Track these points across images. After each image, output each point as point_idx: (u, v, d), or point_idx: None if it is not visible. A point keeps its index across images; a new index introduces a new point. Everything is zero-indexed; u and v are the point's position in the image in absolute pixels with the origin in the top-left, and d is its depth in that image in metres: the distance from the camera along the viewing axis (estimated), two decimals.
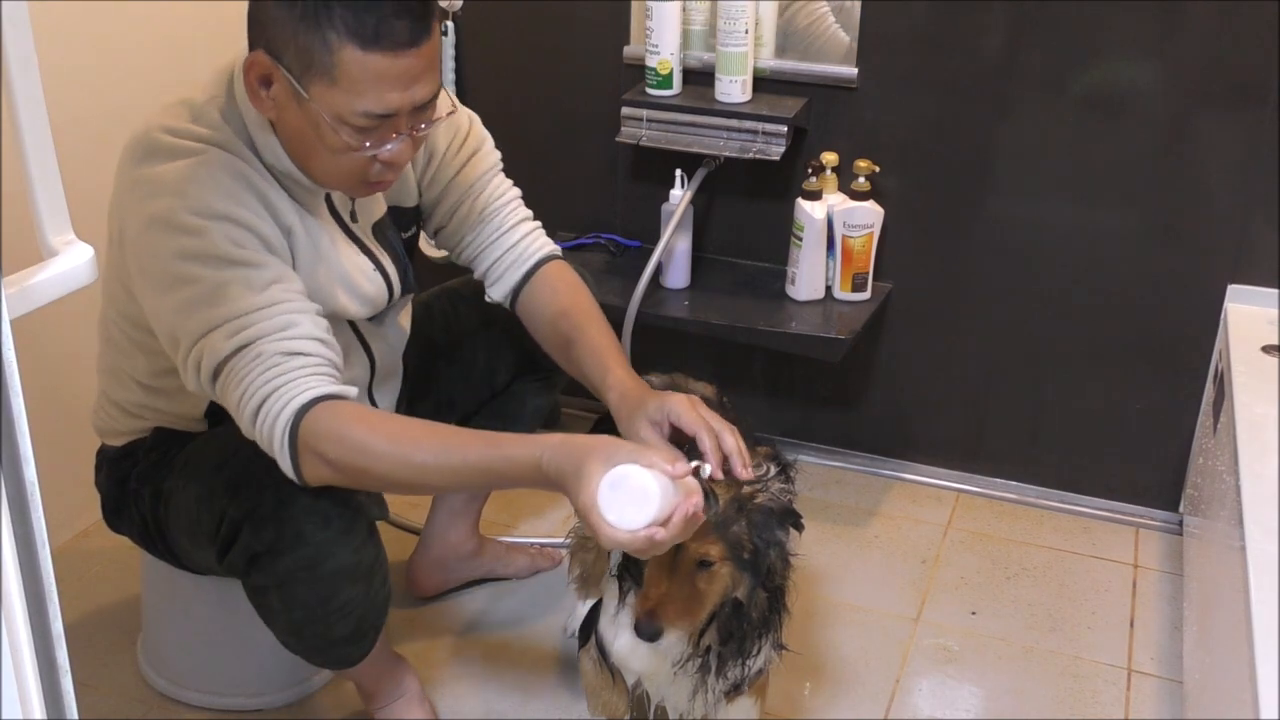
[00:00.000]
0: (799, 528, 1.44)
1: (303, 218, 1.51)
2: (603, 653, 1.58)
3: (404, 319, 1.81)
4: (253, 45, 1.40)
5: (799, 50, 2.26)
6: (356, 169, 1.44)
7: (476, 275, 1.78)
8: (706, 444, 1.38)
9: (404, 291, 1.71)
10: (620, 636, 1.51)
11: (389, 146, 1.42)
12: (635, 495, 1.20)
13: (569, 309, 1.68)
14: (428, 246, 2.52)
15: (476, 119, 1.74)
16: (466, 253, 1.76)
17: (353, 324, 1.67)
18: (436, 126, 1.53)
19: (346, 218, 1.60)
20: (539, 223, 1.77)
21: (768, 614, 1.47)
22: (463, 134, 1.70)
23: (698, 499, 1.25)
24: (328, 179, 1.48)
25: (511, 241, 1.73)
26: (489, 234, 1.73)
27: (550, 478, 1.29)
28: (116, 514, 1.74)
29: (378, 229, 1.65)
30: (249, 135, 1.46)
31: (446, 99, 1.51)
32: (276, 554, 1.48)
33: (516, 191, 1.76)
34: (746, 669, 1.50)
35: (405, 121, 1.42)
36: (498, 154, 1.75)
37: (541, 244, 1.75)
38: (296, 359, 1.37)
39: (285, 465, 1.38)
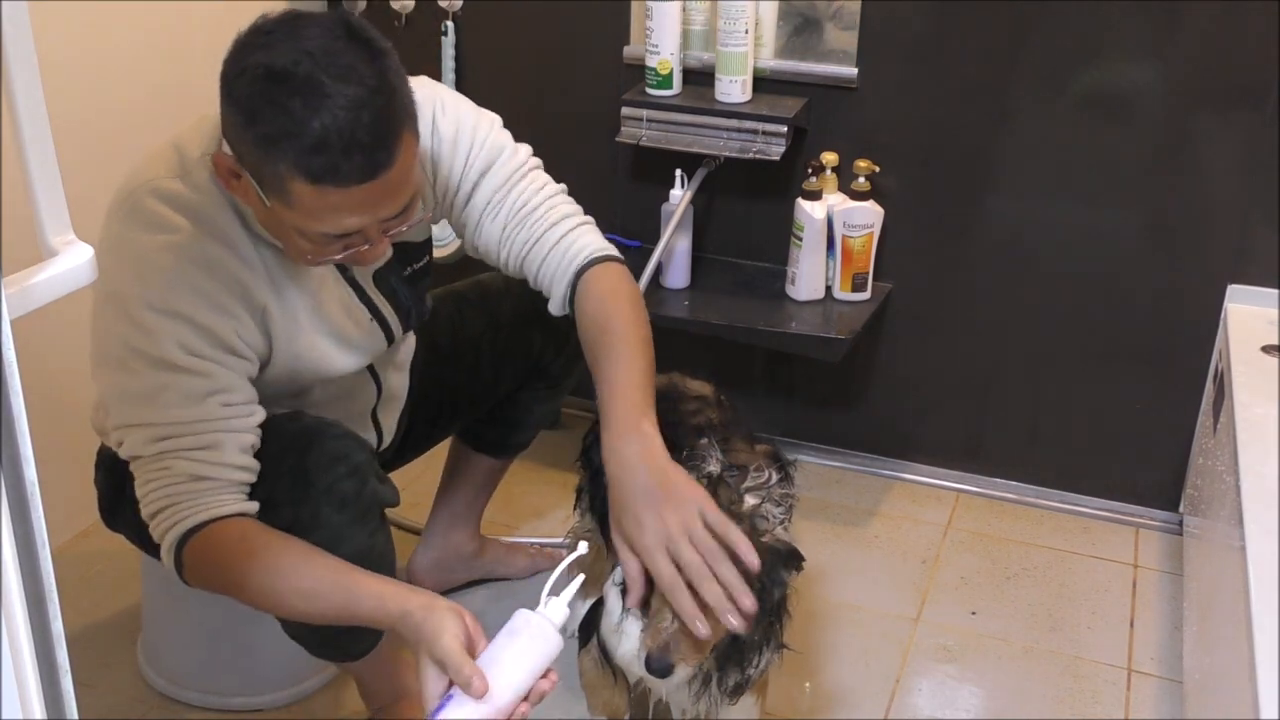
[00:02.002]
0: (799, 569, 1.43)
1: (287, 279, 1.48)
2: (605, 654, 1.57)
3: (412, 340, 1.80)
4: (224, 123, 1.33)
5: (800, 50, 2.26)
6: (326, 259, 1.41)
7: (533, 288, 1.67)
8: (683, 611, 1.33)
9: (406, 332, 1.69)
10: (624, 644, 1.50)
11: (355, 251, 1.39)
12: None
13: (600, 330, 1.55)
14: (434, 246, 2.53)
15: (496, 124, 1.63)
16: (512, 270, 1.65)
17: None
18: (419, 220, 1.46)
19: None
20: (577, 219, 1.63)
21: (768, 629, 1.46)
22: (470, 154, 1.59)
23: (525, 709, 1.28)
24: (305, 263, 1.43)
25: (543, 251, 1.60)
26: (520, 248, 1.61)
27: (407, 637, 1.32)
28: (113, 513, 1.74)
29: (379, 276, 1.61)
30: (236, 199, 1.43)
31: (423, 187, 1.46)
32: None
33: (548, 191, 1.63)
34: (748, 676, 1.50)
35: (374, 230, 1.36)
36: (521, 156, 1.62)
37: (577, 250, 1.60)
38: (202, 482, 1.40)
39: (170, 569, 1.44)
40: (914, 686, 1.95)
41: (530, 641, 1.28)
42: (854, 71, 2.24)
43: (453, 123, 1.59)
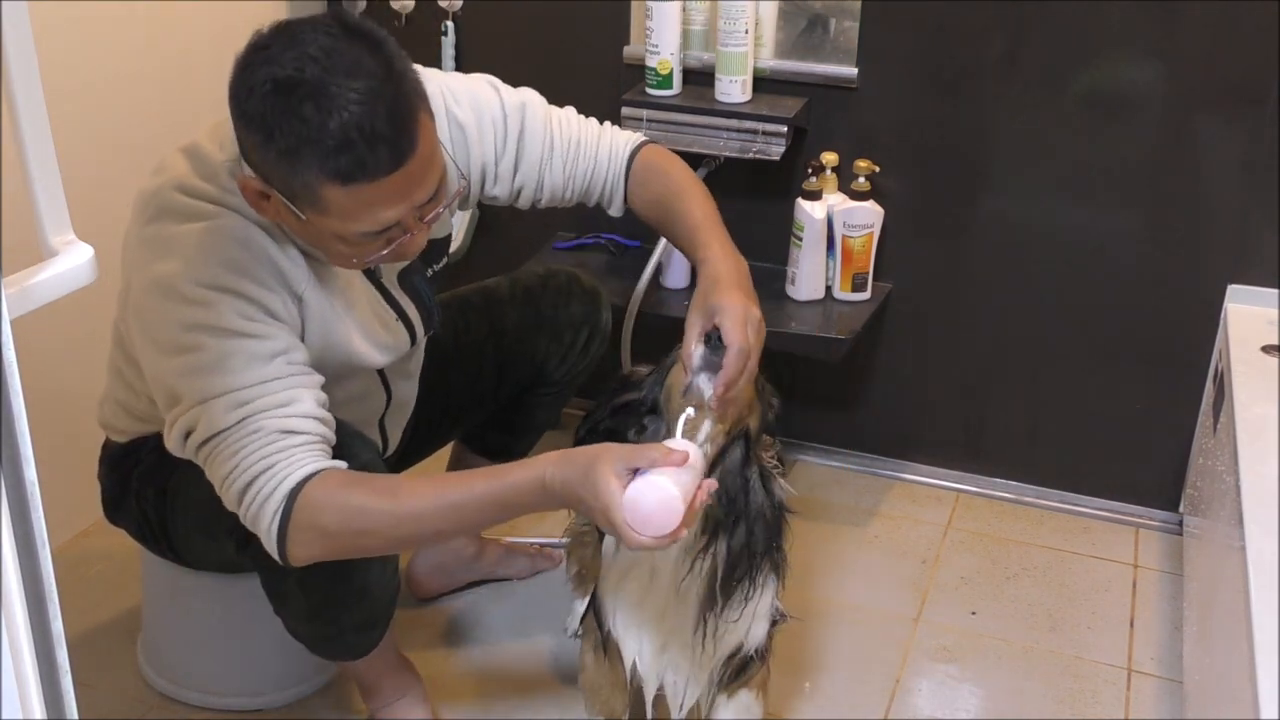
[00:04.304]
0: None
1: (317, 281, 1.48)
2: (603, 637, 1.58)
3: (422, 348, 1.80)
4: (242, 148, 1.34)
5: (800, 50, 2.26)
6: (371, 258, 1.41)
7: (590, 206, 1.73)
8: (730, 366, 1.39)
9: (427, 333, 1.69)
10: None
11: (398, 244, 1.39)
12: (659, 506, 1.23)
13: (661, 195, 1.63)
14: None
15: (500, 86, 1.65)
16: (573, 201, 1.71)
17: None
18: (453, 203, 1.46)
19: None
20: (606, 124, 1.70)
21: (769, 544, 1.50)
22: (500, 125, 1.62)
23: (709, 483, 1.31)
24: (350, 266, 1.45)
25: (603, 167, 1.66)
26: (582, 178, 1.67)
27: (556, 493, 1.29)
28: (116, 508, 1.74)
29: (404, 275, 1.63)
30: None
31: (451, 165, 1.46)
32: None
33: (571, 118, 1.68)
34: (750, 597, 1.50)
35: (412, 218, 1.37)
36: (535, 100, 1.66)
37: (621, 149, 1.67)
38: (293, 437, 1.36)
39: (271, 543, 1.36)
40: (914, 686, 1.95)
41: (680, 447, 1.30)
42: (854, 71, 2.24)
43: (468, 109, 1.59)
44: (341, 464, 1.38)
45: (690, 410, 1.38)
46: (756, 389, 1.48)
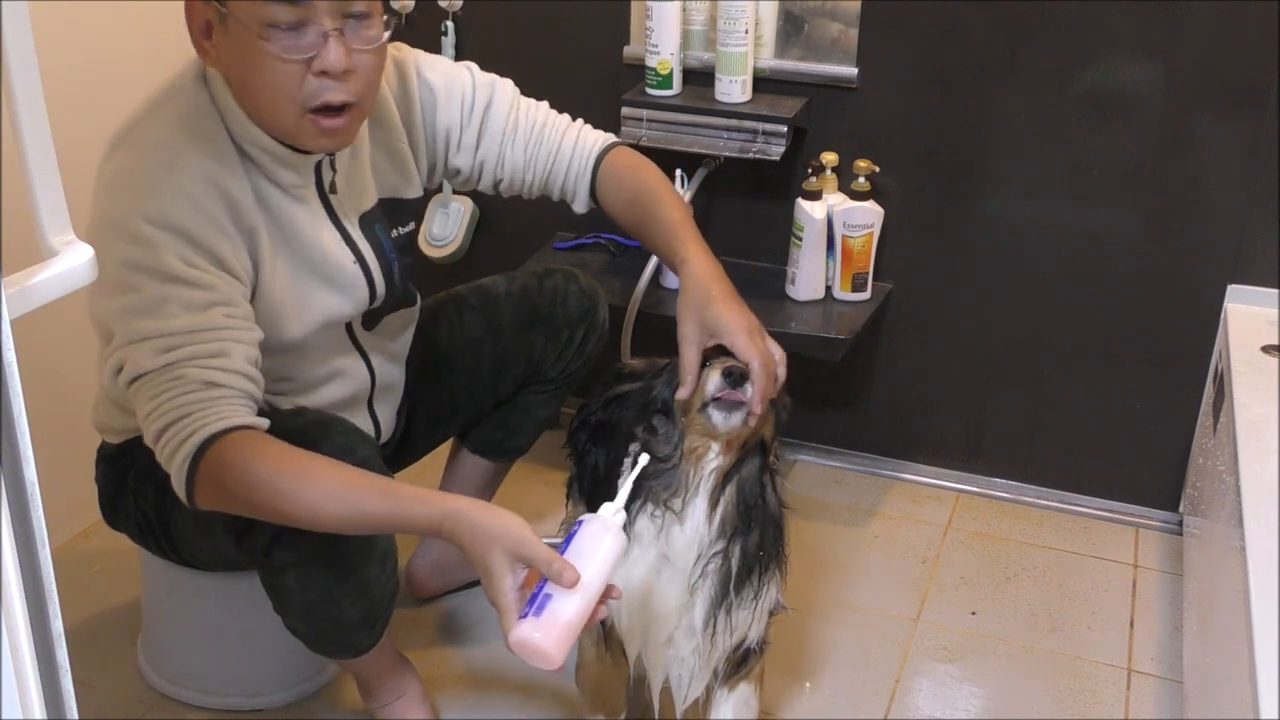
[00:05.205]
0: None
1: (271, 211, 1.50)
2: (605, 631, 1.59)
3: (407, 332, 1.80)
4: None
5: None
6: (295, 92, 1.41)
7: (555, 200, 1.78)
8: (757, 377, 1.42)
9: (389, 294, 1.67)
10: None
11: (317, 53, 1.39)
12: (538, 655, 1.25)
13: (636, 195, 1.68)
14: (428, 247, 2.53)
15: (474, 68, 1.72)
16: (535, 189, 1.76)
17: (350, 332, 1.67)
18: (378, 49, 1.46)
19: (327, 189, 1.57)
20: (579, 121, 1.76)
21: (777, 544, 1.53)
22: (469, 95, 1.68)
23: (601, 611, 1.29)
24: (275, 114, 1.44)
25: (565, 157, 1.72)
26: (544, 163, 1.72)
27: (447, 537, 1.31)
28: (114, 510, 1.74)
29: (364, 221, 1.63)
30: (218, 106, 1.47)
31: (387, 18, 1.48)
32: (299, 530, 1.47)
33: (543, 107, 1.74)
34: (759, 597, 1.52)
35: (328, 19, 1.38)
36: (508, 84, 1.73)
37: (590, 144, 1.73)
38: (215, 390, 1.37)
39: (180, 487, 1.38)
40: (914, 686, 1.95)
41: (598, 535, 1.30)
42: (854, 71, 2.24)
43: (441, 75, 1.65)
44: (263, 422, 1.39)
45: (644, 456, 1.38)
46: (773, 399, 1.49)
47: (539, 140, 1.71)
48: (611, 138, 1.76)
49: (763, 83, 2.27)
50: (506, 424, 1.99)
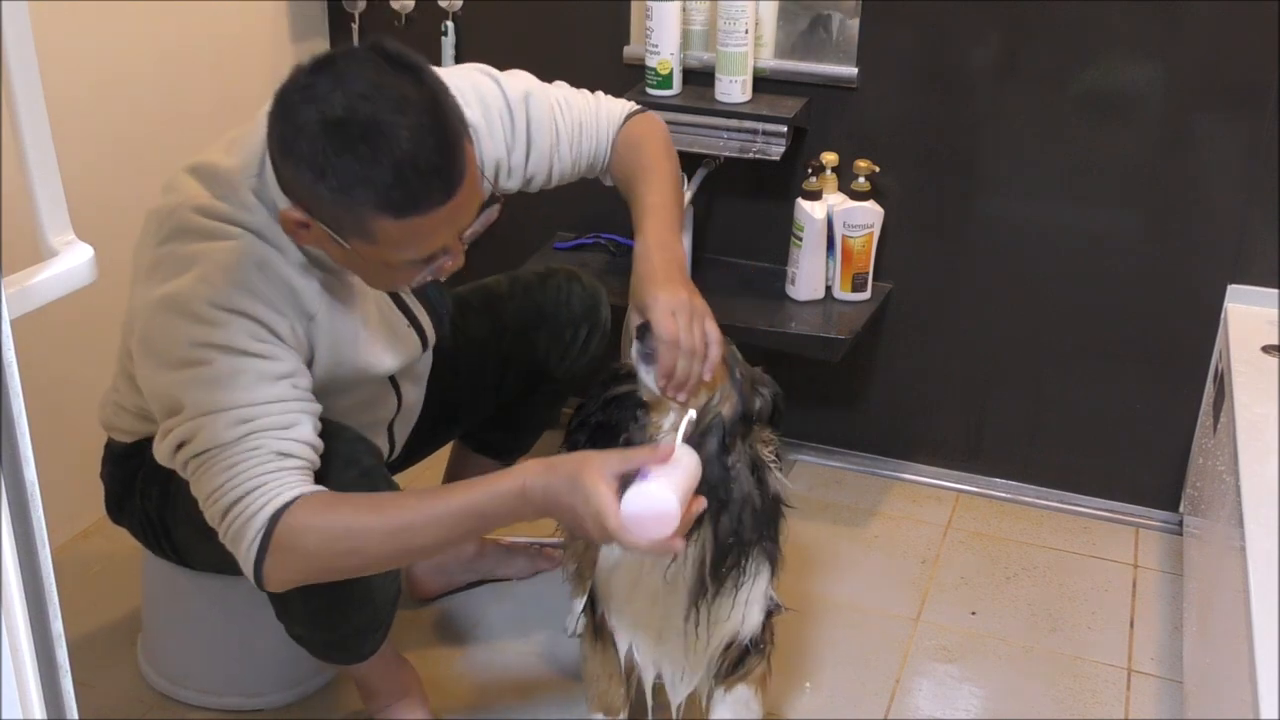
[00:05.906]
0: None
1: (330, 298, 1.49)
2: (597, 624, 1.58)
3: (429, 353, 1.80)
4: (284, 183, 1.35)
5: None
6: (414, 281, 1.43)
7: (591, 178, 1.75)
8: (663, 357, 1.40)
9: (438, 340, 1.70)
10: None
11: (438, 265, 1.40)
12: (654, 514, 1.25)
13: (628, 174, 1.65)
14: None
15: (499, 77, 1.64)
16: (577, 176, 1.72)
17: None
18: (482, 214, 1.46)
19: None
20: (598, 94, 1.71)
21: (760, 533, 1.51)
22: (507, 119, 1.61)
23: (701, 501, 1.31)
24: (381, 288, 1.49)
25: (596, 144, 1.68)
26: (586, 154, 1.68)
27: (537, 501, 1.30)
28: (119, 508, 1.74)
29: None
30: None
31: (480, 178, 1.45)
32: None
33: (569, 95, 1.67)
34: (740, 585, 1.51)
35: (454, 241, 1.39)
36: (535, 87, 1.64)
37: (613, 123, 1.68)
38: (288, 460, 1.36)
39: (250, 562, 1.35)
40: (914, 686, 1.95)
41: (677, 451, 1.32)
42: (854, 71, 2.24)
43: (477, 109, 1.58)
44: (321, 489, 1.38)
45: (692, 413, 1.39)
46: (732, 376, 1.48)
47: (580, 139, 1.66)
48: (630, 108, 1.70)
49: (763, 83, 2.27)
50: (510, 424, 1.99)
